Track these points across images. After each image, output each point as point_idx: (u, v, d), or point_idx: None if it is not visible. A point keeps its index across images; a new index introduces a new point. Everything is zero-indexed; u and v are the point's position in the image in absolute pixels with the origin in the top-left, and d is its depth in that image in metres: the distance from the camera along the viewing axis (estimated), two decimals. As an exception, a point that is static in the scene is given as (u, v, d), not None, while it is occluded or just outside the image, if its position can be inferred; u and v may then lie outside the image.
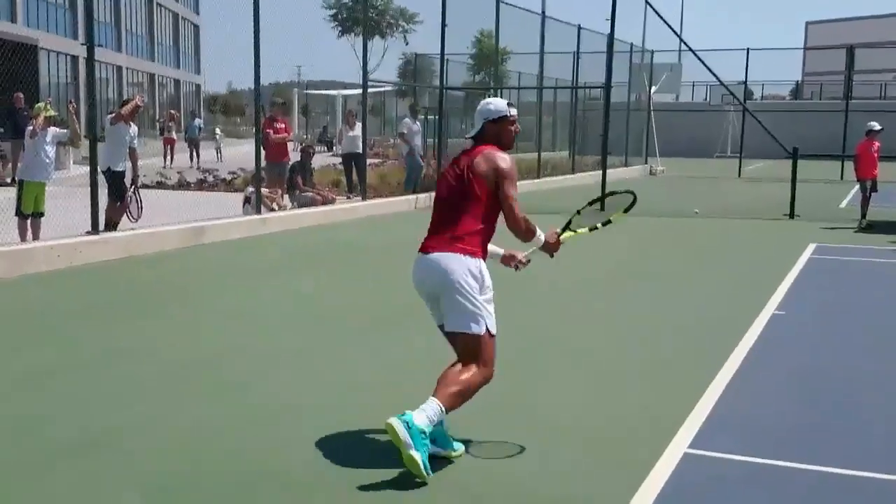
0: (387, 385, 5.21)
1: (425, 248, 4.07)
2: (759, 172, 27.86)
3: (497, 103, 4.24)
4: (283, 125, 14.30)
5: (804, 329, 6.87)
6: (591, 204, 4.76)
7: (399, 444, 3.63)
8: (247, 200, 12.97)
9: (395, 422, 3.63)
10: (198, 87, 54.25)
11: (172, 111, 30.81)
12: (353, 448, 4.16)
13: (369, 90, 16.81)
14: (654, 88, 29.72)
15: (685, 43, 20.65)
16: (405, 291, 8.19)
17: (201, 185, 17.88)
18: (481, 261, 3.97)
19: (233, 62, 26.39)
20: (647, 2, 20.08)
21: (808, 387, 5.34)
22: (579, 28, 23.81)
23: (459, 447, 4.02)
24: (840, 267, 10.20)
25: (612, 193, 4.90)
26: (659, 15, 18.11)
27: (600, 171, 17.44)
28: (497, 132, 4.17)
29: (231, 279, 8.89)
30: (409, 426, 3.63)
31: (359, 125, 16.09)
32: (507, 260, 4.33)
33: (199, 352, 5.91)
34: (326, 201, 14.47)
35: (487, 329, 3.91)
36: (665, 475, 3.87)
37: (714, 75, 18.29)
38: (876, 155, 13.82)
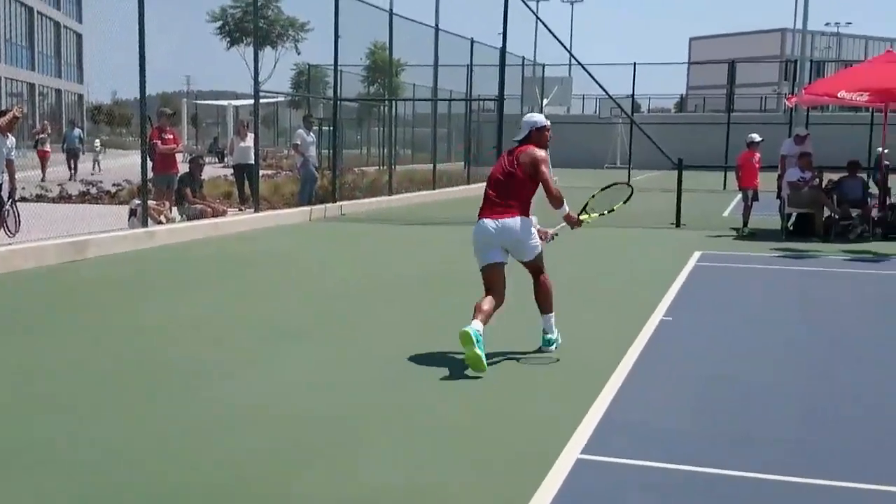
0: (281, 399, 5.06)
1: (492, 215, 6.02)
2: (647, 183, 28.66)
3: (540, 117, 6.23)
4: (171, 136, 13.92)
5: (691, 334, 7.05)
6: (603, 190, 6.58)
7: (468, 344, 5.52)
8: (132, 213, 12.52)
9: (469, 329, 5.55)
10: (80, 96, 52.33)
11: (45, 122, 29.53)
12: (239, 468, 4.02)
13: (262, 101, 16.53)
14: (545, 101, 30.24)
15: (574, 57, 20.99)
16: (301, 303, 8.09)
17: (84, 197, 17.18)
18: (529, 218, 6.06)
19: (117, 71, 25.52)
20: (537, 17, 20.43)
21: (696, 390, 5.46)
22: (472, 41, 24.05)
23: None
24: (724, 273, 10.55)
25: (614, 184, 6.61)
26: (549, 30, 18.42)
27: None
28: (538, 137, 6.15)
29: (113, 295, 8.53)
30: (477, 337, 5.55)
31: (251, 136, 15.80)
32: (541, 234, 6.21)
33: (82, 372, 5.62)
34: (217, 213, 14.12)
35: (541, 252, 6.18)
36: (558, 482, 3.88)
37: (602, 89, 18.72)
38: (757, 165, 14.39)
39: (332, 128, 18.65)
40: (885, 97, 13.43)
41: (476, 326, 5.62)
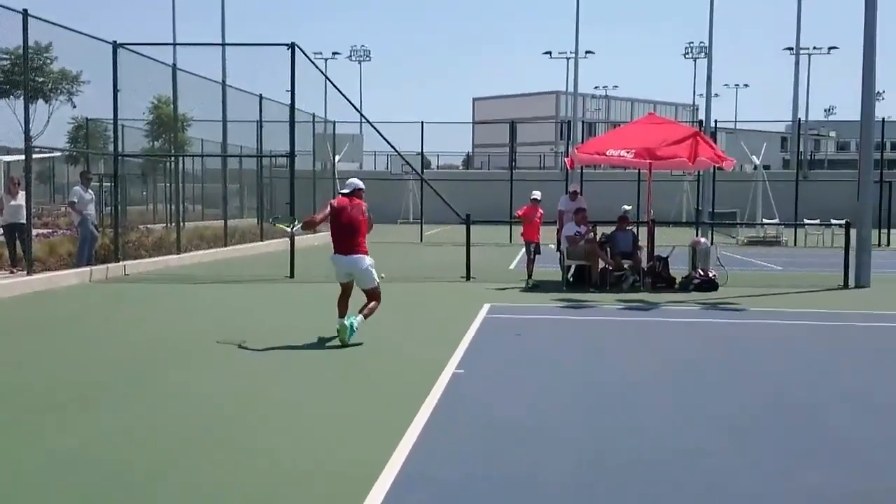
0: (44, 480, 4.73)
1: (344, 251, 9.01)
2: (438, 237, 29.49)
3: (356, 182, 9.52)
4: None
5: (482, 384, 7.29)
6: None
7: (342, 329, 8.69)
8: None
9: (345, 322, 8.76)
10: None
11: None
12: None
13: (36, 156, 15.54)
14: (338, 157, 30.51)
15: (363, 115, 21.42)
16: (79, 369, 7.61)
17: None
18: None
19: None
20: (325, 76, 20.69)
21: (490, 442, 5.64)
22: (261, 97, 23.93)
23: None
24: (512, 324, 10.99)
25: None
26: (338, 89, 18.68)
27: (289, 239, 17.46)
28: (359, 194, 9.37)
29: None
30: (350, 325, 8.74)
31: (22, 193, 14.80)
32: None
33: None
34: (-16, 277, 13.03)
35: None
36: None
37: (391, 146, 19.17)
38: (538, 221, 15.21)
39: (113, 184, 17.82)
40: (647, 155, 14.65)
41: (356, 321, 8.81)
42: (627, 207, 15.84)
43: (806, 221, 28.01)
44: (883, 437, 5.85)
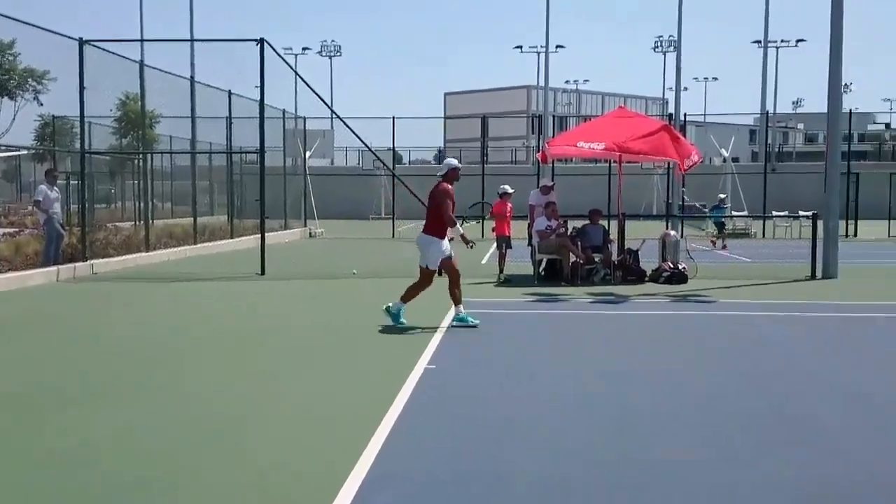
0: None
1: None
2: (410, 232, 29.38)
3: (453, 161, 10.32)
4: None
5: (454, 379, 7.29)
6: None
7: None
8: None
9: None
10: None
11: None
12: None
13: (2, 154, 15.32)
14: (308, 153, 30.36)
15: (334, 111, 21.32)
16: (52, 371, 7.51)
17: None
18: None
19: None
20: (295, 73, 20.61)
21: (462, 437, 5.64)
22: (230, 93, 23.73)
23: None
24: (483, 318, 10.95)
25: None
26: (308, 85, 18.59)
27: (260, 235, 17.35)
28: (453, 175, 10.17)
29: None
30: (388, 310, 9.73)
31: (-13, 192, 14.58)
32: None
33: None
34: (-52, 278, 12.83)
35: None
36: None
37: (362, 142, 19.14)
38: (509, 215, 15.24)
39: (80, 181, 17.60)
40: (617, 148, 14.72)
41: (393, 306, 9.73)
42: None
43: (774, 213, 28.32)
44: (851, 425, 5.92)
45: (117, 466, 4.96)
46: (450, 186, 10.01)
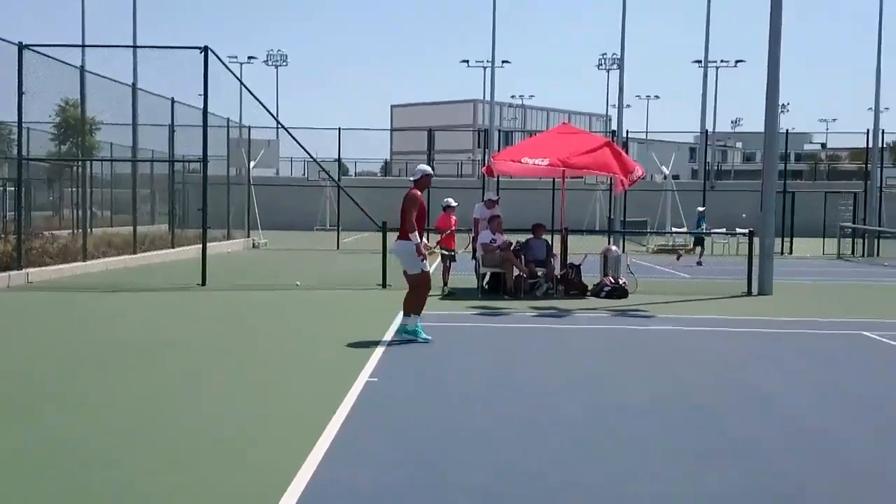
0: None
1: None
2: (355, 244, 29.36)
3: (426, 167, 10.20)
4: None
5: (396, 393, 7.30)
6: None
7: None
8: None
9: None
10: None
11: None
12: None
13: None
14: (253, 163, 30.12)
15: (279, 122, 21.22)
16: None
17: None
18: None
19: None
20: (240, 81, 20.46)
21: (403, 450, 5.65)
22: (173, 101, 23.45)
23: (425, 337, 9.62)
24: (427, 331, 11.01)
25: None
26: (252, 94, 18.57)
27: (201, 245, 17.15)
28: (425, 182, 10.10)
29: None
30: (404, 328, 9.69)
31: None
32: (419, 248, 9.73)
33: None
34: None
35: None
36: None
37: (307, 152, 19.09)
38: (453, 228, 15.32)
39: (17, 188, 17.21)
40: (561, 164, 14.91)
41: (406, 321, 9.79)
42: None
43: (713, 230, 28.92)
44: (780, 439, 6.09)
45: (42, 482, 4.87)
46: (419, 193, 9.90)
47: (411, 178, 10.11)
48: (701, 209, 24.98)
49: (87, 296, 14.02)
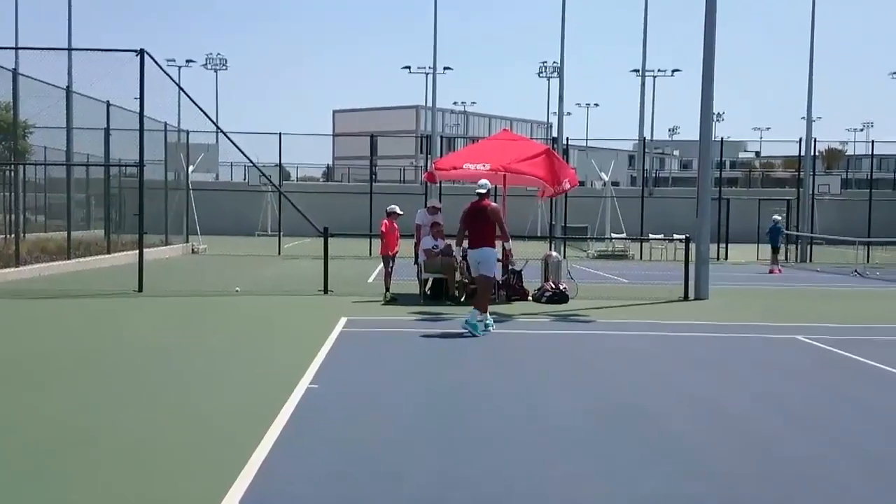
0: None
1: (472, 245, 11.36)
2: (297, 250, 29.11)
3: (487, 183, 11.69)
4: None
5: (337, 400, 7.24)
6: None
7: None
8: None
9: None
10: None
11: None
12: None
13: None
14: (192, 167, 29.67)
15: (218, 126, 20.95)
16: None
17: None
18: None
19: None
20: (178, 85, 20.14)
21: (343, 457, 5.61)
22: (108, 104, 22.99)
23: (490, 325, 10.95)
24: (368, 338, 10.99)
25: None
26: (190, 98, 18.23)
27: (138, 250, 16.83)
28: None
29: None
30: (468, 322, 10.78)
31: None
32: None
33: None
34: None
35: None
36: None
37: (247, 157, 18.89)
38: (396, 234, 15.29)
39: (-55, 193, 16.70)
40: (501, 169, 15.02)
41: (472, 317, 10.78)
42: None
43: (651, 236, 29.39)
44: (717, 442, 6.20)
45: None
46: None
47: (480, 191, 11.44)
48: (777, 217, 26.03)
49: (15, 302, 13.63)
